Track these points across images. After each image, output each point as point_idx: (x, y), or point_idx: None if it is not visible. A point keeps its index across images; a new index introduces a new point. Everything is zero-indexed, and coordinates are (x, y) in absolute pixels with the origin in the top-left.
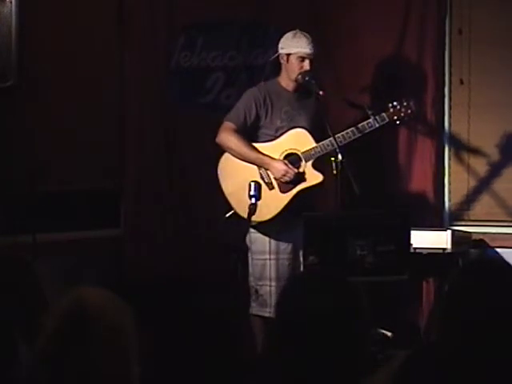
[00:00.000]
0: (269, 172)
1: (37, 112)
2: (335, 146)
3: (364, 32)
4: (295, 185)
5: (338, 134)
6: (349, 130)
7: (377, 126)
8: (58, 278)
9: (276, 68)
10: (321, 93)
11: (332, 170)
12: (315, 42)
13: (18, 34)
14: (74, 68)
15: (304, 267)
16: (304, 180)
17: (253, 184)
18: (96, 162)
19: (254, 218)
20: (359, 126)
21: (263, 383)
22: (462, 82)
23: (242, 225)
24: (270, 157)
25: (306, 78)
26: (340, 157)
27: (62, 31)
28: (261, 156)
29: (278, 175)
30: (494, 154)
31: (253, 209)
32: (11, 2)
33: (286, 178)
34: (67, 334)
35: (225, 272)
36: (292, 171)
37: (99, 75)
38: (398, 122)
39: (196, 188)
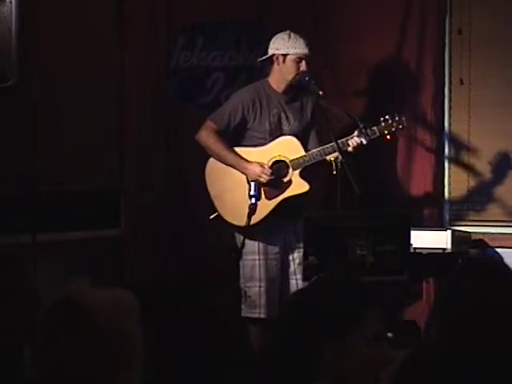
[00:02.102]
0: None
1: (37, 112)
2: (323, 156)
3: (364, 32)
4: (276, 189)
5: (328, 145)
6: (339, 142)
7: (367, 139)
8: (57, 277)
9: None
10: (320, 93)
11: (332, 170)
12: (314, 43)
13: (18, 33)
14: (74, 68)
15: (304, 267)
16: (283, 185)
17: (253, 184)
18: (96, 162)
19: (238, 222)
20: (349, 139)
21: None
22: (462, 82)
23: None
24: (246, 160)
25: (306, 78)
26: (340, 157)
27: (61, 31)
28: (237, 159)
29: (254, 177)
30: (494, 154)
31: (253, 209)
32: (11, 2)
33: (262, 180)
34: (62, 333)
35: (225, 272)
36: (267, 172)
37: (99, 75)
38: (388, 137)
39: (196, 188)
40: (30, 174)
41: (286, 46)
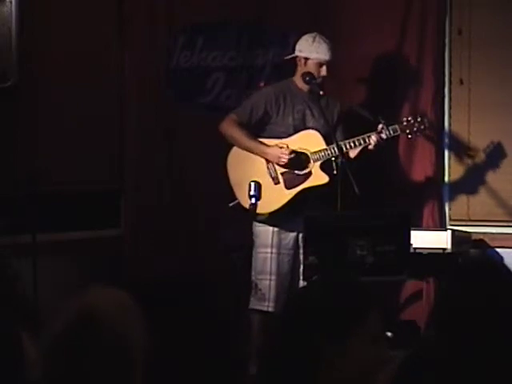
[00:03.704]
0: (276, 166)
1: (37, 112)
2: (344, 150)
3: (364, 32)
4: (296, 179)
5: (350, 140)
6: (360, 138)
7: (388, 136)
8: (58, 278)
9: (277, 68)
10: (321, 93)
11: (332, 170)
12: (333, 48)
13: (18, 33)
14: (74, 68)
15: (304, 267)
16: (303, 176)
17: (253, 184)
18: (96, 162)
19: (258, 210)
20: (371, 135)
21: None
22: (461, 82)
23: (244, 219)
24: (265, 144)
25: (307, 78)
26: (340, 157)
27: (61, 31)
28: (257, 144)
29: (274, 159)
30: (494, 154)
31: (253, 209)
32: (11, 2)
33: (282, 161)
34: (73, 341)
35: (225, 272)
36: (286, 153)
37: (99, 75)
38: (409, 136)
39: (196, 188)
40: (30, 174)
41: (308, 50)
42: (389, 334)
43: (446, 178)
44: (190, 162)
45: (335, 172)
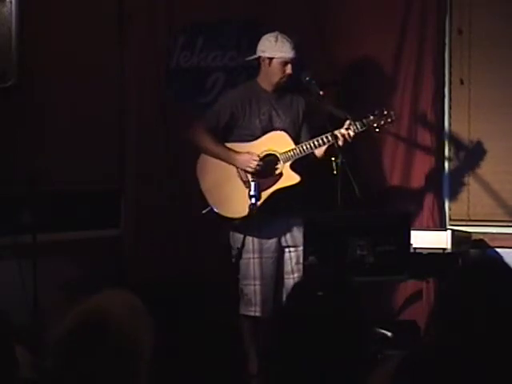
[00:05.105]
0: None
1: (37, 112)
2: (313, 148)
3: (364, 32)
4: (268, 181)
5: (318, 138)
6: (328, 135)
7: (356, 131)
8: (57, 278)
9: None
10: (321, 93)
11: (332, 170)
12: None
13: (18, 33)
14: (74, 68)
15: (304, 267)
16: (274, 177)
17: (253, 184)
18: (96, 162)
19: (229, 214)
20: (337, 131)
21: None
22: (462, 82)
23: (225, 223)
24: (234, 151)
25: (307, 78)
26: (340, 157)
27: (61, 31)
28: (226, 151)
29: (243, 166)
30: (494, 154)
31: (253, 209)
32: (11, 2)
33: (250, 168)
34: (82, 342)
35: (225, 272)
36: (255, 159)
37: (99, 75)
38: (377, 130)
39: (196, 188)
40: (30, 174)
41: (272, 50)
42: (389, 333)
43: (446, 178)
44: (189, 162)
45: (335, 172)
